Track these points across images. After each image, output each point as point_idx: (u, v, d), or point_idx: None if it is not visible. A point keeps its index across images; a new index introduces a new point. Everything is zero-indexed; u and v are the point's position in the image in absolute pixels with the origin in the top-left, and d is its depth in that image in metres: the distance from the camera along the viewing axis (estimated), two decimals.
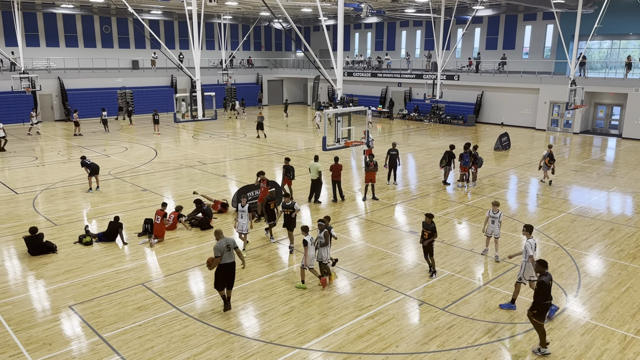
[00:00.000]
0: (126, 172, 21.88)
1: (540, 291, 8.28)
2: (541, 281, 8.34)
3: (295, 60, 52.89)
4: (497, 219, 12.23)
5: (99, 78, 40.46)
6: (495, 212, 12.24)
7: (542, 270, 8.47)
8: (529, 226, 10.18)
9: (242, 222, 12.75)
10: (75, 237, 13.90)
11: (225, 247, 9.68)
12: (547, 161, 19.73)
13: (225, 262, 9.73)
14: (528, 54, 39.00)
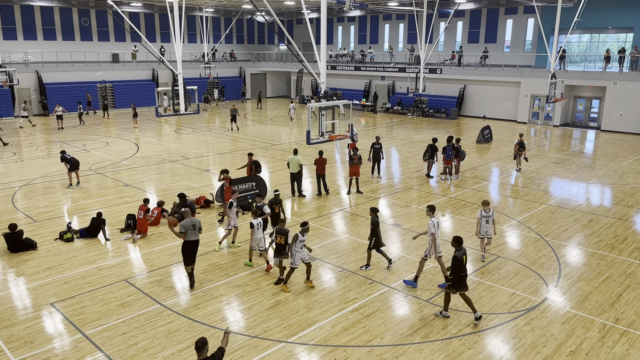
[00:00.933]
0: (107, 167, 21.59)
1: (454, 264, 9.14)
2: (454, 256, 9.18)
3: (279, 54, 52.64)
4: (491, 218, 11.79)
5: (78, 72, 39.74)
6: (487, 211, 11.79)
7: (456, 246, 9.34)
8: (432, 206, 10.88)
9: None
10: (56, 233, 13.70)
11: (191, 226, 10.46)
12: (517, 149, 20.66)
13: (189, 239, 10.53)
14: (509, 47, 39.38)
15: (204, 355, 6.22)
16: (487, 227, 11.87)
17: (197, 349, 6.24)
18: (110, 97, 41.24)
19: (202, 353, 6.22)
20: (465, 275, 9.23)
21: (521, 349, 8.57)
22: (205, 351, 6.25)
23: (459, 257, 9.13)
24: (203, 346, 6.23)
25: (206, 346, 6.26)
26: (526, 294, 10.49)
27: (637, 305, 10.02)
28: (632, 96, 30.16)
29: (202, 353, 6.22)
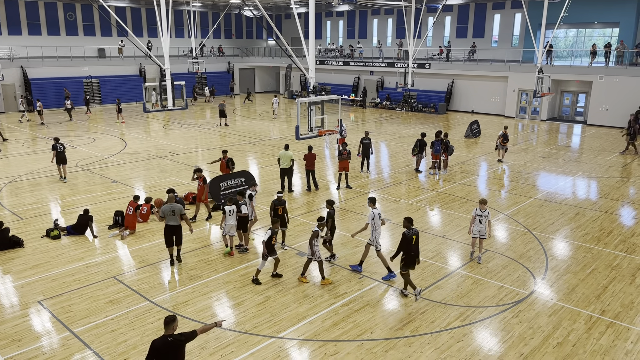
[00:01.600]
0: (95, 163, 21.39)
1: (403, 242, 9.81)
2: (403, 233, 9.81)
3: (267, 49, 52.42)
4: (486, 218, 11.40)
5: (64, 67, 39.22)
6: (482, 211, 11.43)
7: (407, 225, 9.92)
8: (372, 198, 11.31)
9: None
10: (43, 230, 13.56)
11: (170, 212, 11.13)
12: (501, 141, 21.29)
13: (169, 223, 11.20)
14: (497, 42, 39.60)
15: (170, 331, 6.27)
16: (481, 226, 11.48)
17: (164, 324, 6.31)
18: (96, 92, 40.81)
19: (168, 329, 6.28)
20: (415, 255, 9.85)
21: (509, 341, 8.67)
22: (172, 328, 6.29)
23: (408, 236, 9.74)
24: (170, 322, 6.29)
25: (173, 323, 6.30)
26: (514, 287, 10.61)
27: (623, 297, 10.17)
28: (617, 91, 30.49)
29: (168, 328, 6.28)
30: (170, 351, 6.17)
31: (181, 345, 6.28)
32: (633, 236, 13.45)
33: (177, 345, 6.22)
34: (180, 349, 6.29)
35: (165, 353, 6.14)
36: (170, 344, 6.16)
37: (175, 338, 6.23)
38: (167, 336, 6.22)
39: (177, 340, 6.23)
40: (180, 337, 6.27)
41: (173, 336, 6.23)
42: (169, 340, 6.17)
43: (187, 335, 6.35)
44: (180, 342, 6.27)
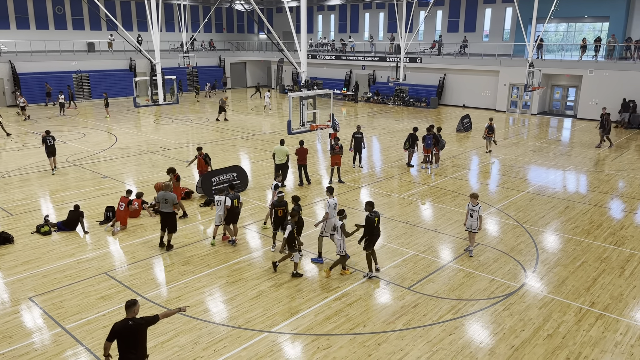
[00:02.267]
0: (85, 158, 21.23)
1: (366, 224, 10.35)
2: (366, 216, 10.39)
3: (258, 43, 52.16)
4: (477, 212, 11.39)
5: (53, 61, 38.79)
6: (474, 205, 11.42)
7: (369, 209, 10.50)
8: (330, 187, 11.79)
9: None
10: (33, 226, 13.46)
11: (163, 200, 11.84)
12: (486, 132, 22.10)
13: (162, 210, 11.94)
14: (488, 36, 39.68)
15: (131, 314, 6.44)
16: (472, 220, 11.49)
17: (125, 308, 6.48)
18: (86, 87, 40.44)
19: (130, 312, 6.45)
20: (377, 235, 10.50)
21: (500, 333, 8.75)
22: (133, 312, 6.45)
23: (370, 218, 10.37)
24: (131, 306, 6.47)
25: (134, 307, 6.47)
26: (505, 280, 10.69)
27: (612, 289, 10.29)
28: (607, 85, 30.71)
29: (129, 312, 6.45)
30: (131, 334, 6.36)
31: (141, 328, 6.46)
32: (622, 229, 13.59)
33: (137, 329, 6.41)
34: (141, 332, 6.46)
35: (126, 336, 6.33)
36: (131, 327, 6.35)
37: (136, 321, 6.41)
38: (128, 319, 6.40)
39: (138, 323, 6.42)
40: (140, 320, 6.46)
41: (134, 319, 6.41)
42: (130, 324, 6.36)
43: (148, 319, 6.55)
44: (141, 325, 6.44)
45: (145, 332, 6.52)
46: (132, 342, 6.39)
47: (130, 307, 6.44)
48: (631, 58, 31.09)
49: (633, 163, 20.87)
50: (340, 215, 10.75)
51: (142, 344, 6.52)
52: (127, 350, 6.37)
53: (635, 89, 29.56)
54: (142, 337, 6.48)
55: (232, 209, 12.14)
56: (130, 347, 6.38)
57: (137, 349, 6.44)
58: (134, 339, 6.39)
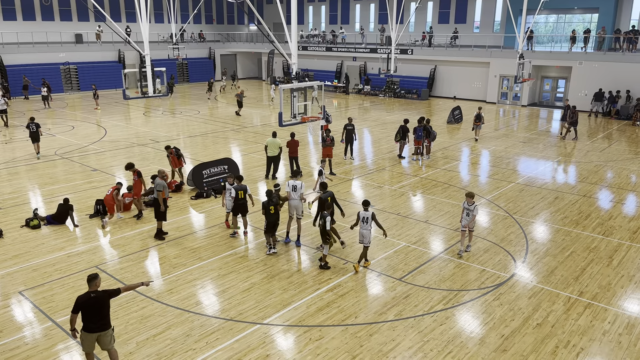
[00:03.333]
0: (74, 151, 21.03)
1: (319, 204, 11.14)
2: (319, 197, 11.19)
3: (249, 34, 51.82)
4: (472, 212, 11.03)
5: (40, 53, 38.29)
6: (469, 204, 11.06)
7: (322, 190, 11.25)
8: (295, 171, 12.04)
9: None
10: (22, 220, 13.34)
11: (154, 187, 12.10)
12: (474, 121, 22.99)
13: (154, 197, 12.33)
14: (479, 28, 39.71)
15: (93, 287, 6.89)
16: (467, 220, 11.14)
17: (87, 281, 6.94)
18: (74, 79, 39.98)
19: (91, 285, 6.90)
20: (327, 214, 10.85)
21: (490, 323, 8.84)
22: (94, 285, 6.89)
23: (323, 198, 11.09)
24: (92, 279, 6.91)
25: (95, 280, 6.90)
26: (495, 270, 10.79)
27: (600, 279, 10.43)
28: (596, 76, 30.90)
29: (91, 285, 6.91)
30: (93, 306, 6.83)
31: (103, 300, 6.89)
32: (610, 219, 13.75)
33: (98, 301, 6.86)
34: (103, 304, 6.89)
35: (89, 307, 6.81)
36: (93, 299, 6.82)
37: (98, 294, 6.86)
38: (90, 292, 6.86)
39: (99, 296, 6.86)
40: (102, 293, 6.90)
41: (96, 292, 6.86)
42: (92, 296, 6.82)
43: (110, 292, 6.98)
44: (102, 297, 6.88)
45: (107, 304, 6.94)
46: (95, 314, 6.86)
47: (92, 280, 6.89)
48: (620, 49, 31.29)
49: (621, 154, 21.08)
50: (366, 206, 10.69)
51: (105, 315, 6.97)
52: (90, 320, 6.85)
53: (624, 80, 29.78)
54: (104, 309, 6.91)
55: (238, 200, 12.12)
56: (92, 317, 6.85)
57: (99, 320, 6.91)
58: (96, 311, 6.85)
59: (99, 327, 6.90)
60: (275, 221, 11.32)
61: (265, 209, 11.17)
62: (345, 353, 8.00)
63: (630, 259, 11.35)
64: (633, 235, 12.66)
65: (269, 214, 11.20)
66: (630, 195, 15.76)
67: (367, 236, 10.63)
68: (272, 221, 11.26)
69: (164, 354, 7.97)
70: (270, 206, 11.19)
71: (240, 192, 12.12)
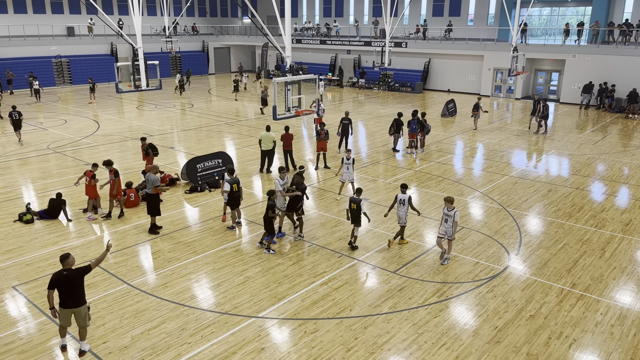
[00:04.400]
0: (67, 145, 20.90)
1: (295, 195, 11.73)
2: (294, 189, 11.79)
3: (242, 27, 51.51)
4: (452, 218, 10.27)
5: (32, 46, 37.92)
6: (449, 210, 10.34)
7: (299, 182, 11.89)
8: (281, 167, 12.32)
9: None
10: (15, 215, 13.27)
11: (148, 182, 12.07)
12: (472, 110, 23.91)
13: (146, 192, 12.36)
14: (473, 21, 39.67)
15: (66, 266, 7.42)
16: (447, 227, 10.40)
17: (60, 261, 7.45)
18: (66, 72, 39.65)
19: (64, 264, 7.43)
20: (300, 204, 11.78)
21: (484, 315, 8.90)
22: (67, 264, 7.41)
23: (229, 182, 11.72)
24: (64, 259, 7.43)
25: (67, 259, 7.42)
26: (489, 262, 10.85)
27: (593, 271, 10.51)
28: (589, 69, 30.99)
29: (64, 264, 7.43)
30: (67, 283, 7.34)
31: (76, 277, 7.41)
32: (603, 211, 13.85)
33: (70, 278, 7.37)
34: (76, 281, 7.41)
35: (62, 284, 7.33)
36: (65, 277, 7.34)
37: (70, 272, 7.39)
38: (63, 270, 7.39)
39: (71, 274, 7.39)
40: (75, 271, 7.42)
41: (68, 270, 7.39)
42: (64, 274, 7.35)
43: (82, 269, 7.49)
44: (74, 275, 7.40)
45: (80, 280, 7.47)
46: (69, 290, 7.38)
47: (64, 259, 7.42)
48: (613, 42, 31.38)
49: (614, 146, 21.20)
50: (404, 189, 11.33)
51: (79, 291, 7.49)
52: (64, 297, 7.38)
53: (618, 73, 29.88)
54: (77, 286, 7.44)
55: (232, 194, 12.15)
56: (66, 294, 7.38)
57: (75, 297, 7.43)
58: (70, 287, 7.38)
59: (73, 303, 7.42)
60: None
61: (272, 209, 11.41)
62: (340, 346, 8.04)
63: (623, 251, 11.45)
64: (625, 227, 12.77)
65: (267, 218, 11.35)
66: (622, 188, 15.87)
67: (402, 217, 11.30)
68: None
69: (159, 348, 7.97)
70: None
71: (235, 185, 12.13)
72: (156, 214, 12.20)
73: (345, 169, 14.42)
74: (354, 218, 11.24)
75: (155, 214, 12.21)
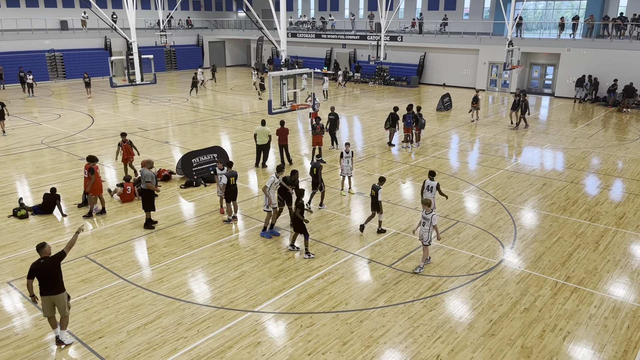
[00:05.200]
0: (61, 140, 20.79)
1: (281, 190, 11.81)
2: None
3: (237, 21, 51.29)
4: (429, 221, 9.81)
5: (25, 40, 37.64)
6: (426, 213, 9.82)
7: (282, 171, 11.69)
8: (280, 166, 11.85)
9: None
10: (9, 210, 13.20)
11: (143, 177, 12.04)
12: (472, 103, 24.37)
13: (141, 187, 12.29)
14: (468, 15, 39.64)
15: (43, 254, 7.64)
16: (424, 230, 9.88)
17: (37, 250, 7.69)
18: (60, 66, 39.38)
19: (41, 253, 7.66)
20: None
21: (479, 308, 8.95)
22: (43, 252, 7.65)
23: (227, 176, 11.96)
24: (40, 248, 7.66)
25: (43, 248, 7.64)
26: (484, 256, 10.90)
27: (587, 264, 10.58)
28: (584, 63, 31.05)
29: (40, 253, 7.66)
30: (44, 271, 7.56)
31: (52, 264, 7.59)
32: (597, 205, 13.92)
33: (47, 266, 7.57)
34: (52, 268, 7.60)
35: (40, 272, 7.57)
36: (42, 265, 7.58)
37: (47, 260, 7.62)
38: (40, 259, 7.64)
39: (47, 262, 7.60)
40: (51, 259, 7.62)
41: (45, 258, 7.63)
42: (41, 262, 7.59)
43: (55, 256, 7.68)
44: (51, 262, 7.58)
45: (56, 268, 7.64)
46: (47, 278, 7.59)
47: (40, 249, 7.65)
48: (608, 36, 31.44)
49: (608, 140, 21.29)
50: (432, 176, 11.90)
51: (57, 279, 7.66)
52: (43, 284, 7.60)
53: (612, 67, 29.95)
54: (55, 273, 7.63)
55: (230, 187, 12.18)
56: (46, 282, 7.59)
57: (54, 285, 7.62)
58: (48, 275, 7.58)
59: (52, 291, 7.61)
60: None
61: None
62: (336, 339, 8.07)
63: (616, 244, 11.52)
64: (619, 220, 12.85)
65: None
66: (616, 182, 15.95)
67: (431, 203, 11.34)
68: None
69: (155, 342, 7.98)
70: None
71: (232, 178, 12.14)
72: (150, 209, 12.17)
73: (345, 162, 14.40)
74: (373, 204, 11.64)
75: (150, 209, 12.18)
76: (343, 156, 14.35)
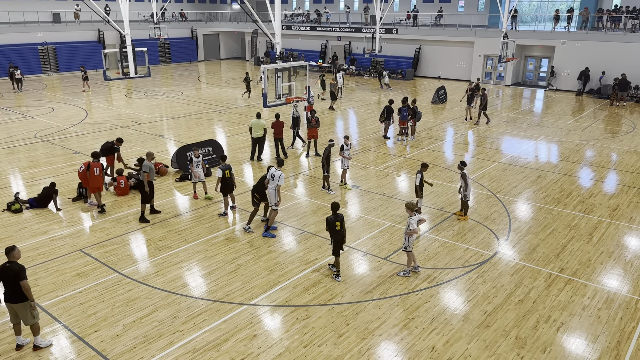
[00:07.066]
0: (55, 134, 20.66)
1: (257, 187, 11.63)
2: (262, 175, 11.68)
3: (232, 13, 50.98)
4: (406, 229, 9.51)
5: (17, 33, 37.27)
6: (410, 216, 9.45)
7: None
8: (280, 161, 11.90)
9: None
10: (3, 204, 13.13)
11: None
12: (475, 91, 23.78)
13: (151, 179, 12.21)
14: (463, 7, 39.56)
15: (11, 258, 7.43)
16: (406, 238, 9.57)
17: (5, 253, 7.46)
18: (53, 59, 39.06)
19: (9, 257, 7.44)
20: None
21: (474, 300, 9.01)
22: (12, 256, 7.43)
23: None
24: (9, 251, 7.45)
25: (12, 252, 7.44)
26: (479, 248, 10.95)
27: (580, 255, 10.66)
28: (579, 55, 31.09)
29: (9, 257, 7.44)
30: (8, 274, 7.33)
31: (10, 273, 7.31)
32: (591, 197, 14.00)
33: (9, 271, 7.33)
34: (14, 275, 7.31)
35: (6, 275, 7.35)
36: (6, 269, 7.37)
37: (12, 265, 7.38)
38: (6, 262, 7.46)
39: (10, 269, 7.36)
40: (12, 269, 7.36)
41: (11, 263, 7.42)
42: (7, 266, 7.40)
43: (17, 273, 7.36)
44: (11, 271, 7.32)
45: (22, 273, 7.35)
46: (9, 285, 7.36)
47: (9, 252, 7.44)
48: (603, 29, 31.47)
49: (602, 133, 21.37)
50: (463, 165, 12.22)
51: (18, 289, 7.35)
52: (7, 291, 7.43)
53: (607, 60, 30.01)
54: (15, 280, 7.34)
55: (224, 180, 12.16)
56: (9, 289, 7.38)
57: (12, 292, 7.37)
58: (10, 282, 7.34)
59: (13, 299, 7.40)
60: (342, 239, 9.53)
61: (330, 225, 9.39)
62: (332, 332, 8.10)
63: (610, 235, 11.60)
64: (613, 212, 12.93)
65: (334, 230, 9.40)
66: (610, 174, 16.03)
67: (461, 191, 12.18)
68: (338, 239, 9.43)
69: (151, 336, 7.99)
70: (337, 222, 9.39)
71: (227, 172, 12.14)
72: (147, 202, 12.16)
73: (347, 155, 14.37)
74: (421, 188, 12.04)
75: (146, 202, 12.17)
76: (343, 149, 14.32)
